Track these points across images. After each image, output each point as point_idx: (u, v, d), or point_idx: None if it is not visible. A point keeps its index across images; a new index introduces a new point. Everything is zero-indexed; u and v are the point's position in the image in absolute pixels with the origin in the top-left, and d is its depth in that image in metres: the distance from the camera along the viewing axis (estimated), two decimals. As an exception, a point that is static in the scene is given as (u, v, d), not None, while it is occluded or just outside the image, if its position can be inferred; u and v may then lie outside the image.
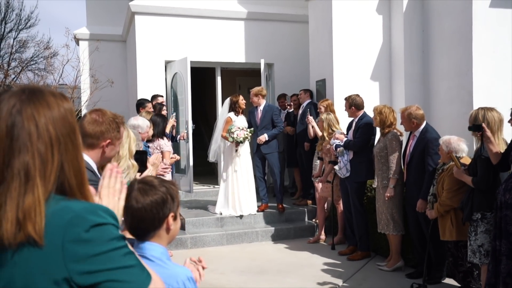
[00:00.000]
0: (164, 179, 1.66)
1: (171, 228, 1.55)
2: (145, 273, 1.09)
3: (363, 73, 6.78)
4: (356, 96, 5.67)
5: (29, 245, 1.00)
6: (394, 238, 5.04)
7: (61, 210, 1.03)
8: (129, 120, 4.24)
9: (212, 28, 8.17)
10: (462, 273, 4.21)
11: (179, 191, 1.63)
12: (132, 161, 2.57)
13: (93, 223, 1.02)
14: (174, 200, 1.55)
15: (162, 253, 1.51)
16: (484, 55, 5.60)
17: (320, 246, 6.02)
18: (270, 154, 6.63)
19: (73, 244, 1.00)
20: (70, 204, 1.05)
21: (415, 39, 6.51)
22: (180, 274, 1.48)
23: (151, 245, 1.50)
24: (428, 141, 4.59)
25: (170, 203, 1.53)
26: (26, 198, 1.01)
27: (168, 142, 5.88)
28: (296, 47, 8.45)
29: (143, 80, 7.82)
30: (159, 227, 1.52)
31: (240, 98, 6.56)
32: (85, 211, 1.04)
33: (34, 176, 1.03)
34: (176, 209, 1.57)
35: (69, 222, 1.01)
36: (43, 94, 1.09)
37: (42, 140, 1.05)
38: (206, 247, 6.06)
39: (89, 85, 8.98)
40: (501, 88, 5.59)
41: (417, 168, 4.66)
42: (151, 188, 1.52)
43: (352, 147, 5.47)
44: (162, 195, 1.52)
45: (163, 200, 1.51)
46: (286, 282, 4.82)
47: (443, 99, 6.12)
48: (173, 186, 1.59)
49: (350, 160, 5.51)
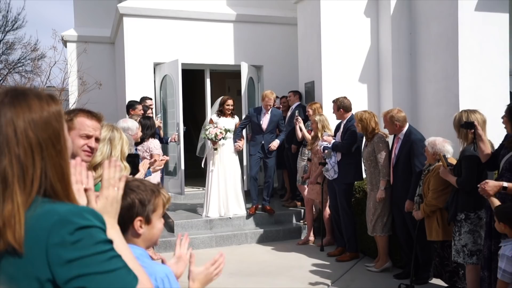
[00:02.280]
0: (147, 181, 1.64)
1: (139, 232, 1.52)
2: (131, 276, 1.07)
3: (352, 75, 6.83)
4: (344, 99, 5.71)
5: (11, 252, 0.99)
6: (382, 239, 5.08)
7: (46, 213, 1.01)
8: (118, 123, 4.22)
9: (201, 30, 8.17)
10: (448, 272, 4.27)
11: (164, 195, 1.60)
12: (124, 163, 2.56)
13: (78, 226, 1.00)
14: (145, 205, 1.52)
15: (140, 254, 1.50)
16: (470, 58, 5.67)
17: (309, 248, 6.05)
18: (272, 158, 6.65)
19: (58, 247, 0.98)
20: (55, 207, 1.03)
21: (403, 42, 6.57)
22: (158, 271, 1.47)
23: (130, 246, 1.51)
24: (413, 143, 4.64)
25: (138, 208, 1.51)
26: (5, 206, 0.99)
27: (158, 144, 5.87)
28: (285, 49, 8.48)
29: (132, 82, 7.79)
30: (126, 231, 1.50)
31: (228, 102, 6.55)
32: (70, 214, 1.02)
33: (12, 182, 1.00)
34: (148, 214, 1.53)
35: (53, 225, 0.99)
36: (26, 96, 1.06)
37: (21, 145, 1.01)
38: (195, 249, 6.04)
39: (77, 87, 8.92)
40: (487, 91, 5.67)
41: (403, 170, 4.71)
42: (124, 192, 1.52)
43: (341, 149, 5.50)
44: (129, 200, 1.50)
45: (129, 205, 1.49)
46: (275, 284, 4.83)
47: (430, 102, 6.19)
48: (147, 192, 1.55)
49: (338, 162, 5.54)
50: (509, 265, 2.97)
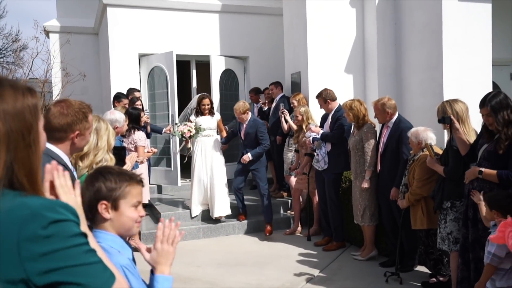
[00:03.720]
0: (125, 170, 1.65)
1: (104, 217, 1.54)
2: (108, 272, 1.04)
3: (337, 66, 6.85)
4: (326, 90, 5.71)
5: None
6: (368, 228, 5.13)
7: (17, 207, 0.98)
8: (105, 115, 4.17)
9: (186, 21, 8.10)
10: (433, 260, 4.34)
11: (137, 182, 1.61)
12: (110, 154, 2.54)
13: (51, 220, 0.97)
14: (112, 190, 1.54)
15: (112, 240, 1.55)
16: (454, 48, 5.73)
17: (296, 238, 6.09)
18: (256, 170, 6.21)
19: (29, 242, 0.94)
20: (27, 201, 0.99)
21: (388, 33, 6.60)
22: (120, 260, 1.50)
23: (99, 232, 1.55)
24: (402, 131, 4.68)
25: (104, 192, 1.54)
26: None
27: (143, 136, 5.83)
28: (271, 40, 8.46)
29: (117, 73, 7.70)
30: (94, 216, 1.55)
31: (204, 101, 6.33)
32: (43, 208, 0.98)
33: None
34: (114, 199, 1.54)
35: (24, 219, 0.96)
36: (0, 86, 1.03)
37: None
38: (183, 240, 6.03)
39: (61, 78, 8.78)
40: (471, 80, 5.73)
41: (391, 158, 4.76)
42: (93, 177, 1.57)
43: (332, 138, 5.51)
44: (97, 186, 1.54)
45: (96, 190, 1.53)
46: (263, 274, 4.86)
47: (415, 92, 6.24)
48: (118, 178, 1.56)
49: (328, 152, 5.56)
50: (499, 249, 3.03)
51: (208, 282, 4.66)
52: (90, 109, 2.07)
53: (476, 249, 3.48)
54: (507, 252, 3.03)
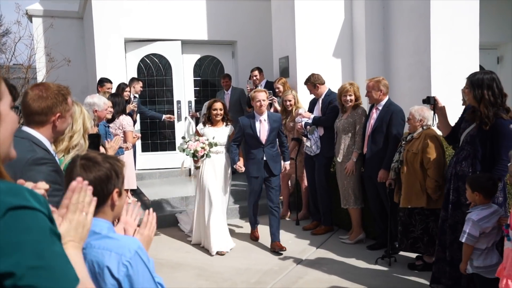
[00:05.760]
0: (108, 155, 1.66)
1: (116, 204, 1.55)
2: (72, 272, 0.94)
3: (326, 50, 6.82)
4: (313, 76, 5.67)
5: None
6: (355, 211, 5.17)
7: None
8: (86, 99, 4.12)
9: (173, 5, 7.96)
10: (411, 239, 4.28)
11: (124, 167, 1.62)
12: (85, 138, 2.50)
13: (10, 206, 0.85)
14: (119, 176, 1.55)
15: (108, 228, 1.52)
16: (442, 32, 5.73)
17: (285, 222, 6.11)
18: (276, 177, 5.21)
19: None
20: None
21: (376, 17, 6.58)
22: (131, 243, 1.49)
23: (97, 220, 1.49)
24: (393, 113, 4.70)
25: (115, 179, 1.53)
26: None
27: (130, 121, 5.78)
28: (259, 24, 8.36)
29: (102, 58, 7.57)
30: (104, 203, 1.51)
31: (215, 105, 5.18)
32: (2, 192, 0.87)
33: None
34: (120, 185, 1.56)
35: None
36: None
37: None
38: (172, 226, 6.03)
39: (45, 64, 8.61)
40: (458, 64, 5.74)
41: (379, 140, 4.77)
42: (95, 164, 1.51)
43: (325, 122, 5.49)
44: (106, 172, 1.51)
45: (107, 177, 1.51)
46: (252, 258, 4.88)
47: (403, 76, 6.25)
48: (118, 162, 1.57)
49: (320, 136, 5.54)
50: (473, 229, 3.10)
51: (198, 267, 4.67)
52: (68, 91, 2.03)
53: (454, 232, 3.52)
54: (481, 232, 3.09)
